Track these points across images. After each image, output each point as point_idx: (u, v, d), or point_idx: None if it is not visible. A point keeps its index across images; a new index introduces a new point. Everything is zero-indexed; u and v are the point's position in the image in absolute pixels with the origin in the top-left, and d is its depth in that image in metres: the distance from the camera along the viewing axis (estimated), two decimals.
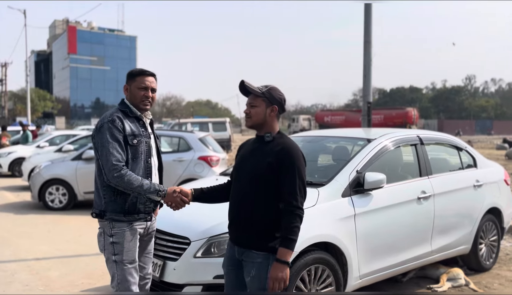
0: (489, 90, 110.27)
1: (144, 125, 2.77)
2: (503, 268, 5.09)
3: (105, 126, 2.62)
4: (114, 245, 2.63)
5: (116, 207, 2.64)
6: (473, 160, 5.14)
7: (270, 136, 2.46)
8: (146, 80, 2.73)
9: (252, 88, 2.46)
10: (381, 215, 3.84)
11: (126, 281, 2.63)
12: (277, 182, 2.37)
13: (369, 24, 7.40)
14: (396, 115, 42.41)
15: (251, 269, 2.39)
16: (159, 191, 2.61)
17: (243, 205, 2.45)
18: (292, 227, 2.33)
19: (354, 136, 4.68)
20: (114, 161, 2.55)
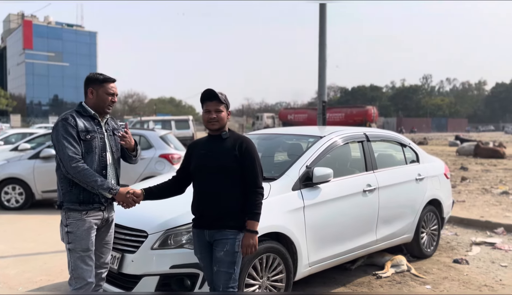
0: (444, 89, 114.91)
1: (99, 123, 2.99)
2: (443, 255, 5.53)
3: (59, 124, 2.86)
4: (68, 234, 2.85)
5: (72, 197, 2.85)
6: (416, 155, 5.54)
7: (226, 134, 2.92)
8: (113, 86, 2.99)
9: (219, 96, 2.86)
10: (329, 206, 4.13)
11: (78, 268, 2.83)
12: (240, 170, 2.84)
13: (324, 26, 7.72)
14: (357, 113, 43.60)
15: (225, 245, 2.79)
16: (111, 189, 2.85)
17: (215, 194, 2.83)
18: (257, 203, 2.85)
19: (307, 133, 4.95)
20: (70, 153, 2.78)
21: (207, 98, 2.90)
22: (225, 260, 2.78)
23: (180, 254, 3.31)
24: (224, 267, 2.78)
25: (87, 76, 3.02)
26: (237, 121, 75.29)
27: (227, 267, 2.78)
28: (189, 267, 3.28)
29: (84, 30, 74.95)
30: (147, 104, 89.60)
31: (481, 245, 5.93)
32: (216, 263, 2.81)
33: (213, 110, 2.87)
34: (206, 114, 2.89)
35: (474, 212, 7.60)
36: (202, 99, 2.93)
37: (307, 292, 4.26)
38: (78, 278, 2.84)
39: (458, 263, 5.19)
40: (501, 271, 4.93)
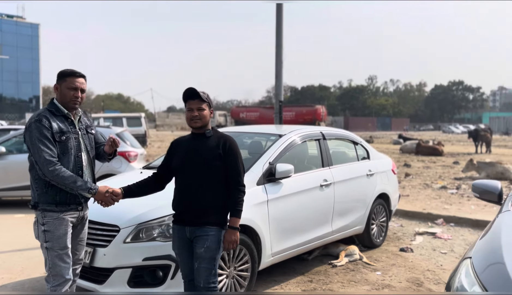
0: (388, 90, 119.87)
1: (72, 123, 2.96)
2: (390, 245, 6.00)
3: (32, 126, 2.80)
4: (45, 233, 2.84)
5: (48, 198, 2.84)
6: (366, 152, 5.97)
7: (210, 132, 2.97)
8: (76, 81, 2.91)
9: (201, 95, 2.90)
10: (290, 200, 4.42)
11: (56, 266, 2.85)
12: (224, 168, 2.91)
13: (280, 26, 8.01)
14: (306, 112, 44.69)
15: (205, 242, 2.84)
16: (91, 189, 2.86)
17: (198, 192, 2.87)
18: (239, 201, 2.93)
19: (267, 132, 5.22)
20: (47, 157, 2.74)
21: (189, 97, 2.93)
22: (206, 257, 2.83)
23: (152, 246, 3.46)
24: (204, 263, 2.83)
25: (57, 73, 2.95)
26: None
27: (207, 263, 2.84)
28: (161, 259, 3.44)
29: (25, 21, 70.98)
30: (94, 100, 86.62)
31: (424, 235, 6.48)
32: (197, 259, 2.85)
33: (195, 108, 2.89)
34: (188, 113, 2.92)
35: (417, 205, 8.23)
36: (184, 98, 2.95)
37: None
38: (56, 275, 2.84)
39: (404, 251, 5.66)
40: (442, 257, 5.46)
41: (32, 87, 70.96)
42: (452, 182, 11.31)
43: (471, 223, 7.01)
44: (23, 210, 8.12)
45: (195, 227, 2.88)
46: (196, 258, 2.87)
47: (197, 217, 2.88)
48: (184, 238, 2.93)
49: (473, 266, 2.21)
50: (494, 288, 1.99)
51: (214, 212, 2.90)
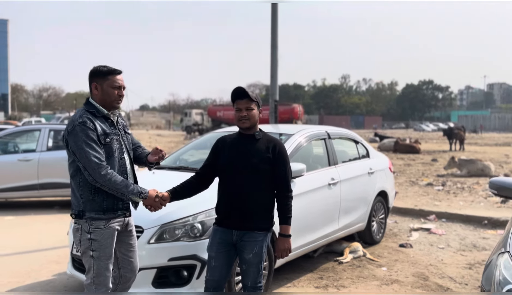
0: (361, 89, 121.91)
1: (112, 123, 2.83)
2: (389, 241, 6.17)
3: (77, 129, 2.65)
4: (92, 241, 2.70)
5: (95, 206, 2.70)
6: (366, 151, 6.12)
7: (260, 134, 2.90)
8: (118, 79, 2.77)
9: (250, 94, 2.83)
10: (302, 199, 4.48)
11: (101, 275, 2.74)
12: (272, 173, 2.84)
13: (276, 26, 8.05)
14: (284, 111, 44.77)
15: (254, 247, 2.81)
16: (141, 193, 2.73)
17: (247, 194, 2.81)
18: (288, 207, 2.90)
19: (276, 131, 5.27)
20: (96, 161, 2.61)
21: (237, 97, 2.85)
22: (254, 262, 2.82)
23: (177, 247, 3.47)
24: (253, 267, 2.83)
25: (90, 70, 2.80)
26: (164, 118, 73.81)
27: (256, 266, 2.83)
28: (187, 259, 3.45)
29: None
30: (64, 98, 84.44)
31: (419, 231, 6.69)
32: (245, 263, 2.84)
33: (244, 108, 2.81)
34: (237, 113, 2.84)
35: (408, 202, 8.47)
36: (233, 97, 2.87)
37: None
38: (99, 284, 2.74)
39: (403, 247, 5.84)
40: (440, 252, 5.65)
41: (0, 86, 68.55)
42: (436, 178, 11.67)
43: (461, 219, 7.28)
44: (11, 211, 7.91)
45: (244, 231, 2.83)
46: (243, 262, 2.86)
47: (246, 221, 2.82)
48: (228, 241, 2.86)
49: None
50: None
51: (263, 217, 2.86)
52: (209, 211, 3.58)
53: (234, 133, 2.99)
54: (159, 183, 3.38)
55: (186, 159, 5.37)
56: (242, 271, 2.89)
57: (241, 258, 2.87)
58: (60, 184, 7.95)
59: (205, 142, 5.50)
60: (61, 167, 7.96)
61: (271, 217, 2.93)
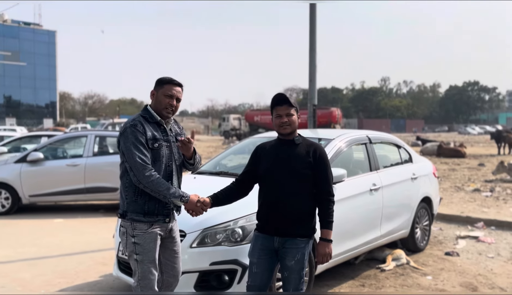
0: (401, 91, 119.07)
1: (165, 130, 2.91)
2: (434, 248, 5.97)
3: (128, 131, 2.78)
4: (135, 245, 2.80)
5: (137, 208, 2.79)
6: (409, 156, 5.95)
7: (299, 139, 2.91)
8: (173, 89, 2.87)
9: (289, 100, 2.86)
10: (343, 205, 4.41)
11: (146, 278, 2.82)
12: (313, 177, 2.84)
13: (314, 28, 7.98)
14: (322, 115, 44.38)
15: (296, 254, 2.80)
16: (183, 197, 2.80)
17: (288, 200, 2.81)
18: (330, 212, 2.88)
19: (315, 136, 5.23)
20: (142, 162, 2.71)
21: (277, 103, 2.87)
22: (295, 268, 2.81)
23: (219, 251, 3.50)
24: (294, 274, 2.82)
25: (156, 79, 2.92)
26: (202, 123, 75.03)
27: (297, 273, 2.82)
28: (228, 263, 3.48)
29: (42, 28, 72.18)
30: (108, 105, 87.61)
31: (466, 239, 6.42)
32: (286, 270, 2.82)
33: (284, 114, 2.83)
34: (277, 119, 2.85)
35: (453, 208, 8.16)
36: (272, 104, 2.89)
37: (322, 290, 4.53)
38: (145, 287, 2.81)
39: (449, 255, 5.63)
40: (490, 261, 5.40)
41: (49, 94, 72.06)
42: (483, 184, 11.19)
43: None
44: (61, 214, 8.27)
45: (285, 237, 2.82)
46: (285, 268, 2.84)
47: (288, 228, 2.81)
48: (270, 248, 2.86)
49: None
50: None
51: (305, 223, 2.85)
52: (249, 216, 3.60)
53: (273, 140, 2.99)
54: (200, 187, 3.43)
55: (226, 164, 5.43)
56: (284, 278, 2.88)
57: (283, 265, 2.86)
58: (105, 188, 8.25)
59: (244, 148, 5.55)
60: (106, 172, 8.29)
61: (313, 223, 2.91)
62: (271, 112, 2.94)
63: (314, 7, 7.86)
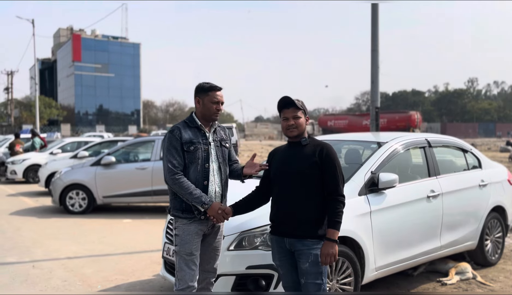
0: (491, 93, 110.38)
1: (204, 135, 3.08)
2: (508, 263, 5.40)
3: (167, 136, 3.04)
4: (176, 237, 3.02)
5: (176, 205, 3.03)
6: (478, 161, 5.46)
7: (306, 140, 2.91)
8: (218, 95, 3.07)
9: (296, 103, 2.88)
10: (394, 212, 4.17)
11: (182, 270, 2.97)
12: (321, 177, 2.81)
13: (376, 29, 7.70)
14: (399, 119, 42.75)
15: (309, 256, 2.77)
16: (204, 203, 2.91)
17: (295, 201, 2.82)
18: (338, 212, 2.78)
19: (367, 140, 5.01)
20: (170, 165, 2.94)
21: (284, 106, 2.91)
22: (311, 271, 2.77)
23: (255, 255, 3.47)
24: (311, 279, 2.77)
25: (196, 86, 3.12)
26: (276, 128, 75.61)
27: (314, 278, 2.77)
28: (264, 268, 3.43)
29: (128, 42, 77.73)
30: (187, 112, 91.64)
31: None
32: (303, 275, 2.79)
33: (291, 117, 2.87)
34: (284, 122, 2.90)
35: None
36: (279, 107, 2.94)
37: None
38: (181, 279, 2.96)
39: None
40: None
41: (134, 102, 77.31)
42: None
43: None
44: (130, 215, 8.76)
45: (295, 239, 2.81)
46: (301, 273, 2.80)
47: (296, 229, 2.81)
48: (284, 249, 2.88)
49: None
50: None
51: (314, 224, 2.80)
52: None
53: (285, 144, 3.05)
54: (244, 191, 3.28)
55: None
56: (302, 286, 2.80)
57: (299, 270, 2.81)
58: None
59: None
60: None
61: (324, 223, 2.83)
62: (279, 115, 2.96)
63: (376, 7, 7.56)
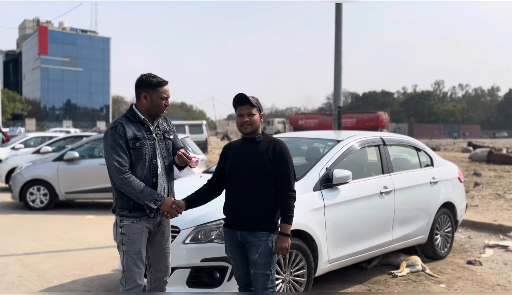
0: (456, 95, 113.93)
1: (148, 129, 2.94)
2: (457, 257, 5.68)
3: (108, 133, 2.86)
4: (122, 235, 2.89)
5: (123, 204, 2.89)
6: (430, 159, 5.72)
7: (260, 137, 2.99)
8: (167, 90, 2.95)
9: (251, 100, 2.93)
10: (348, 207, 4.34)
11: (130, 270, 2.88)
12: (274, 173, 2.91)
13: (340, 30, 7.87)
14: (368, 119, 43.68)
15: (258, 248, 2.86)
16: (157, 200, 2.83)
17: (248, 196, 2.90)
18: (289, 207, 2.91)
19: (325, 137, 5.17)
20: (117, 165, 2.78)
21: (239, 103, 2.96)
22: (261, 262, 2.85)
23: (210, 248, 3.55)
24: (260, 269, 2.85)
25: (139, 79, 2.94)
26: None
27: (263, 268, 2.85)
28: (219, 260, 3.51)
29: (98, 35, 76.08)
30: None
31: (494, 248, 6.07)
32: (253, 266, 2.88)
33: (245, 114, 2.93)
34: (239, 118, 2.95)
35: (487, 216, 7.73)
36: (235, 103, 2.98)
37: (325, 290, 4.45)
38: (128, 279, 2.88)
39: (471, 264, 5.34)
40: None
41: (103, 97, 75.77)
42: None
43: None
44: (94, 211, 8.67)
45: (246, 231, 2.90)
46: (251, 264, 2.89)
47: (247, 222, 2.90)
48: (236, 241, 2.97)
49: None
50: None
51: (265, 217, 2.90)
52: None
53: (239, 139, 3.11)
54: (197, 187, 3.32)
55: None
56: (252, 276, 2.89)
57: (249, 261, 2.91)
58: None
59: None
60: None
61: (275, 217, 2.94)
62: (235, 111, 3.02)
63: (339, 8, 7.74)
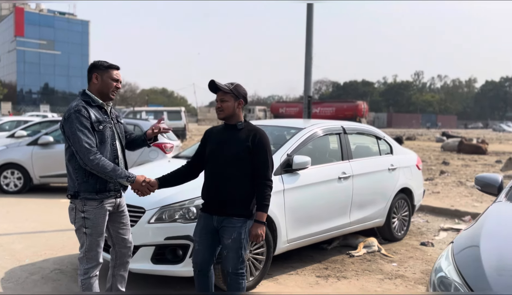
0: (435, 86, 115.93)
1: (106, 112, 3.09)
2: (412, 239, 6.07)
3: (72, 116, 2.91)
4: (85, 219, 2.98)
5: (88, 187, 2.95)
6: (389, 147, 6.06)
7: (241, 125, 3.05)
8: (117, 73, 3.10)
9: (222, 86, 2.99)
10: (306, 191, 4.62)
11: (92, 250, 3.03)
12: (252, 161, 2.98)
13: (311, 25, 8.18)
14: (347, 108, 44.20)
15: (232, 233, 2.95)
16: (129, 177, 2.98)
17: (226, 182, 2.98)
18: (266, 196, 2.99)
19: (290, 125, 5.44)
20: (87, 146, 2.86)
21: (212, 90, 3.04)
22: (233, 247, 2.95)
23: (174, 227, 3.79)
24: (232, 253, 2.96)
25: (91, 63, 3.08)
26: None
27: (235, 252, 2.96)
28: (181, 239, 3.76)
29: (76, 18, 74.52)
30: (139, 94, 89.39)
31: (448, 231, 6.49)
32: (225, 248, 2.98)
33: (219, 100, 3.00)
34: (216, 104, 3.06)
35: (446, 202, 8.18)
36: (210, 90, 3.05)
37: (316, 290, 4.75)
38: (91, 258, 3.03)
39: (424, 245, 5.73)
40: None
41: (82, 82, 74.35)
42: None
43: None
44: None
45: (222, 217, 2.99)
46: (224, 247, 3.01)
47: (224, 207, 2.98)
48: (210, 226, 3.04)
49: (452, 249, 2.36)
50: (465, 267, 2.14)
51: (241, 204, 2.98)
52: None
53: (221, 125, 3.17)
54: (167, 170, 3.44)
55: None
56: (223, 257, 3.04)
57: (222, 244, 3.03)
58: None
59: None
60: None
61: (251, 204, 3.02)
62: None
63: (311, 7, 8.05)
